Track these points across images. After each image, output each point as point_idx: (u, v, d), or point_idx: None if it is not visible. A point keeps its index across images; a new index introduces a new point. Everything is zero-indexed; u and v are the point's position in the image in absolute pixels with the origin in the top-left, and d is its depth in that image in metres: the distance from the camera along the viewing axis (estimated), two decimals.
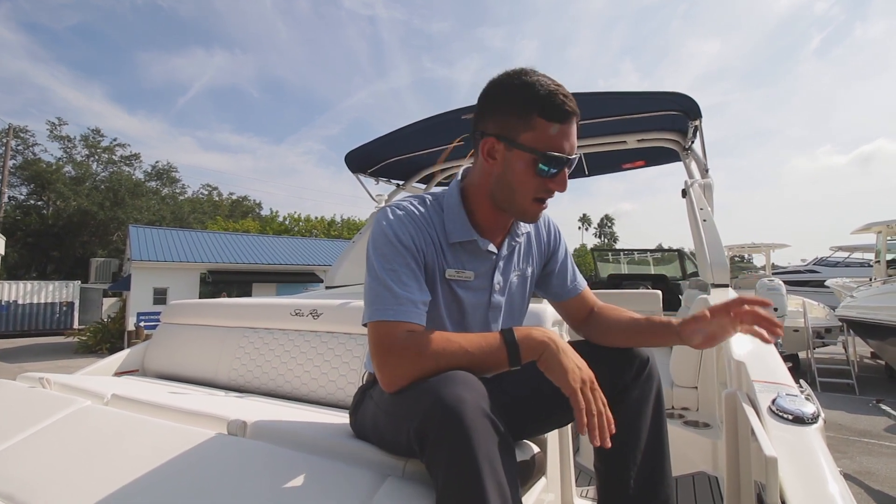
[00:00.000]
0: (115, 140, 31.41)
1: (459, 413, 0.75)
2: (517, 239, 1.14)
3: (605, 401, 0.89)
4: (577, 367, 0.89)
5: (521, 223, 1.15)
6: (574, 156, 0.98)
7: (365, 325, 0.95)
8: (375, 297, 0.93)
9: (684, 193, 2.80)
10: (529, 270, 1.19)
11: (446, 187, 1.13)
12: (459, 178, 1.11)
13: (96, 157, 30.77)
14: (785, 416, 0.98)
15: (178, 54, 76.11)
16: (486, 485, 0.73)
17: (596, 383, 0.89)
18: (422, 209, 1.04)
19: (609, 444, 0.84)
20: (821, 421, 0.98)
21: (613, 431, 0.86)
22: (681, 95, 2.48)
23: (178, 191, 35.48)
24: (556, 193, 1.02)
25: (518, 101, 0.94)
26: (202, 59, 79.69)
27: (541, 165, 0.95)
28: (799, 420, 0.96)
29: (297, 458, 0.97)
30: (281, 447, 1.01)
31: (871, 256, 12.12)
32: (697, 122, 2.66)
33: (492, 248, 1.09)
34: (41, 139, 34.96)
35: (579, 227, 76.43)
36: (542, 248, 1.22)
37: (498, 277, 1.11)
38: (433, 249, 1.02)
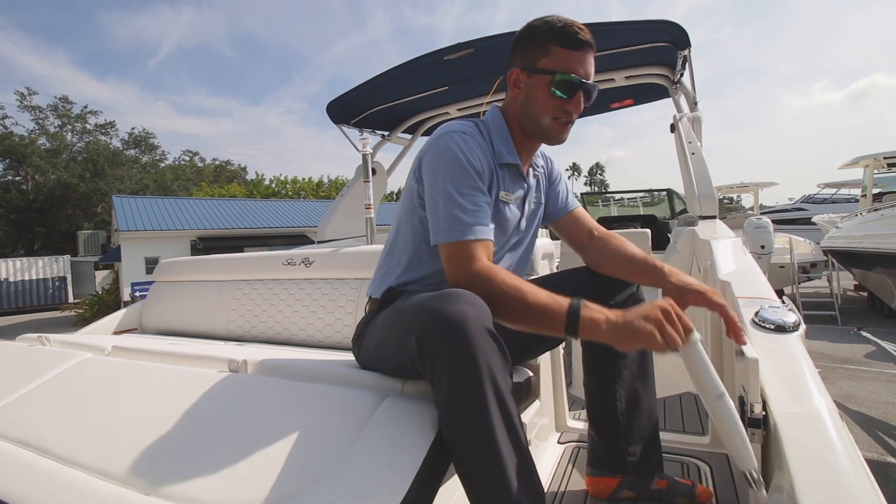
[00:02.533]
0: (86, 107, 30.26)
1: (463, 325, 0.78)
2: (538, 169, 1.23)
3: (678, 312, 0.82)
4: (645, 322, 0.81)
5: (538, 155, 1.23)
6: (590, 82, 1.06)
7: (435, 245, 1.00)
8: (452, 219, 0.97)
9: (673, 128, 2.78)
10: (542, 197, 1.27)
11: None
12: (499, 108, 1.17)
13: (70, 128, 29.69)
14: (767, 325, 1.01)
15: (142, 13, 72.00)
16: (486, 392, 0.77)
17: (672, 313, 0.82)
18: (476, 133, 1.09)
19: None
20: (802, 329, 1.02)
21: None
22: (669, 23, 2.40)
23: (157, 158, 34.56)
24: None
25: (538, 33, 1.05)
26: (168, 16, 75.60)
27: (554, 87, 1.03)
28: (780, 328, 1.00)
29: (297, 387, 1.00)
30: (281, 379, 1.04)
31: (858, 192, 12.20)
32: (686, 52, 2.59)
33: (526, 175, 1.18)
34: (10, 111, 33.45)
35: (570, 176, 76.05)
36: (547, 176, 1.30)
37: (527, 206, 1.19)
38: (491, 171, 1.08)
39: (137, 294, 13.17)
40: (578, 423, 1.60)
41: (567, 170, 75.90)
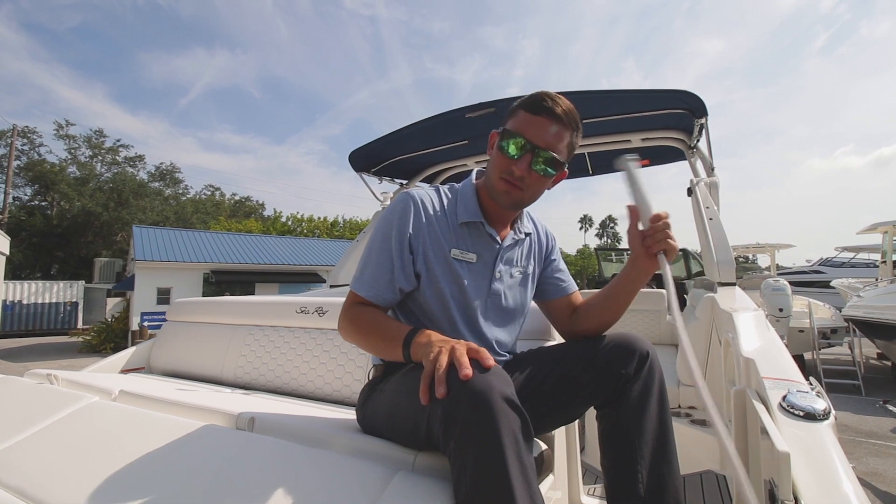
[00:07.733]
0: (118, 141, 31.65)
1: (488, 398, 0.77)
2: (520, 234, 1.22)
3: (471, 346, 0.86)
4: (433, 343, 0.90)
5: (524, 221, 1.24)
6: (543, 148, 1.05)
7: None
8: (361, 269, 1.11)
9: (690, 192, 2.79)
10: (531, 268, 1.26)
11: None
12: (475, 175, 1.23)
13: (100, 158, 30.93)
14: (796, 412, 0.97)
15: (178, 54, 76.54)
16: (511, 470, 0.74)
17: (460, 344, 0.86)
18: (435, 196, 1.16)
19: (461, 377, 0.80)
20: (832, 417, 0.98)
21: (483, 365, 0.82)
22: (686, 93, 2.46)
23: (180, 191, 35.63)
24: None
25: (516, 104, 1.11)
26: (203, 59, 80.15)
27: (501, 143, 1.07)
28: (810, 416, 0.96)
29: (305, 452, 0.96)
30: (289, 442, 1.01)
31: (876, 257, 12.05)
32: (703, 121, 2.64)
33: (496, 235, 1.17)
34: (46, 139, 35.15)
35: (580, 228, 76.26)
36: (542, 251, 1.31)
37: (500, 266, 1.17)
38: (444, 230, 1.12)
39: (146, 324, 13.20)
40: (593, 501, 1.51)
41: (579, 221, 76.33)
